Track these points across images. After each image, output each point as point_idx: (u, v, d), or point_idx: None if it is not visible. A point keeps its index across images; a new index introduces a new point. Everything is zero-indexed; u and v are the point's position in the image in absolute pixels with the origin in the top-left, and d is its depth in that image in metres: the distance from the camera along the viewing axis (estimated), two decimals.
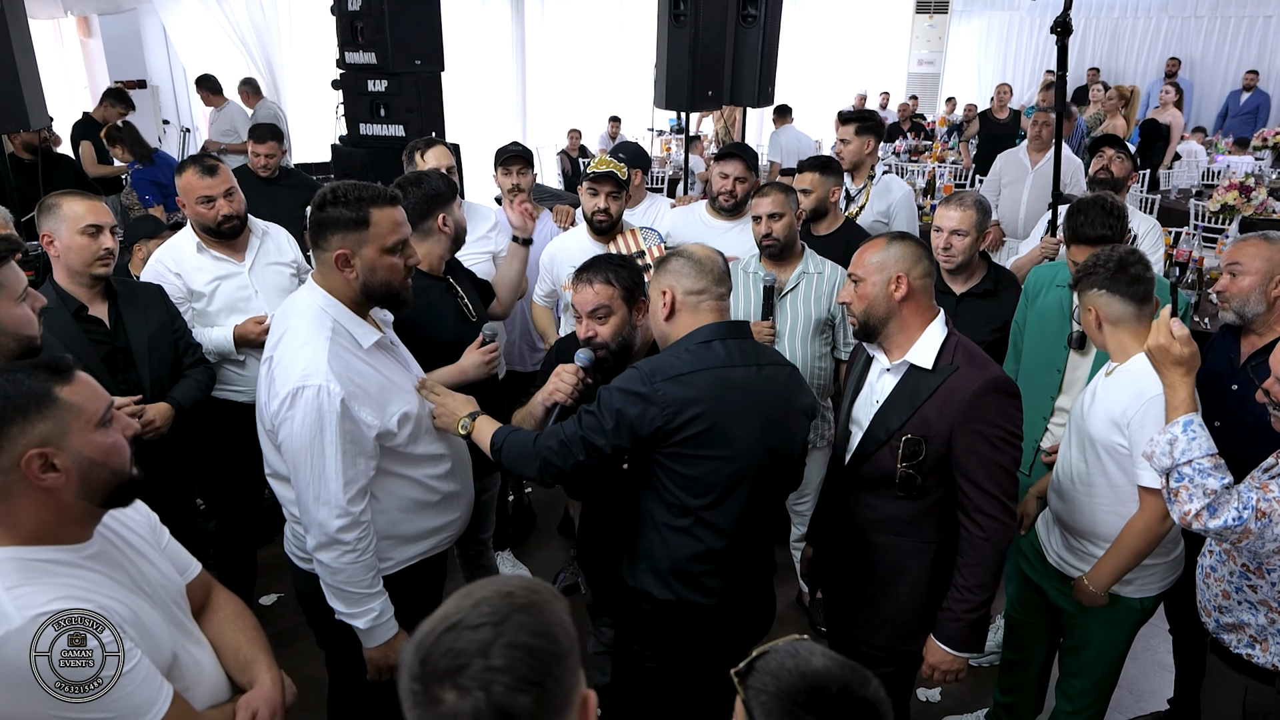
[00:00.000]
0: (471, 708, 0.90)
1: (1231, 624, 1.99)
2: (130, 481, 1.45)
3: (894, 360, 2.09)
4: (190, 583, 1.70)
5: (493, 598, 0.97)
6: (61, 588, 1.34)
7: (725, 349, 1.96)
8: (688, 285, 2.00)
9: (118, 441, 1.42)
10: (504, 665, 0.91)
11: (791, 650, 1.17)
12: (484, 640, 0.92)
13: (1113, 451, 2.21)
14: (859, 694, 1.12)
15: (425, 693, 0.91)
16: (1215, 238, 6.04)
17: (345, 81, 5.66)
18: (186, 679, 1.52)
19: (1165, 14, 13.20)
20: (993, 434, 1.98)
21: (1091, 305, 2.24)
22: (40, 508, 1.35)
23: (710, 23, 5.37)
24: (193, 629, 1.62)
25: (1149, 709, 3.08)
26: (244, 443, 3.05)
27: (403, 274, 2.06)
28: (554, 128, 10.68)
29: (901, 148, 10.35)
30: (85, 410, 1.37)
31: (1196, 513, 1.79)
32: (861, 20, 14.21)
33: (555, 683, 0.94)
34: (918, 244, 2.10)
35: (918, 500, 2.08)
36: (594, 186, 3.11)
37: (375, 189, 2.01)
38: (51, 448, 1.33)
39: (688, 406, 1.88)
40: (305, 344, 1.95)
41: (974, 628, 2.06)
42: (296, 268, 3.20)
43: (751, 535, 2.07)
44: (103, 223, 2.55)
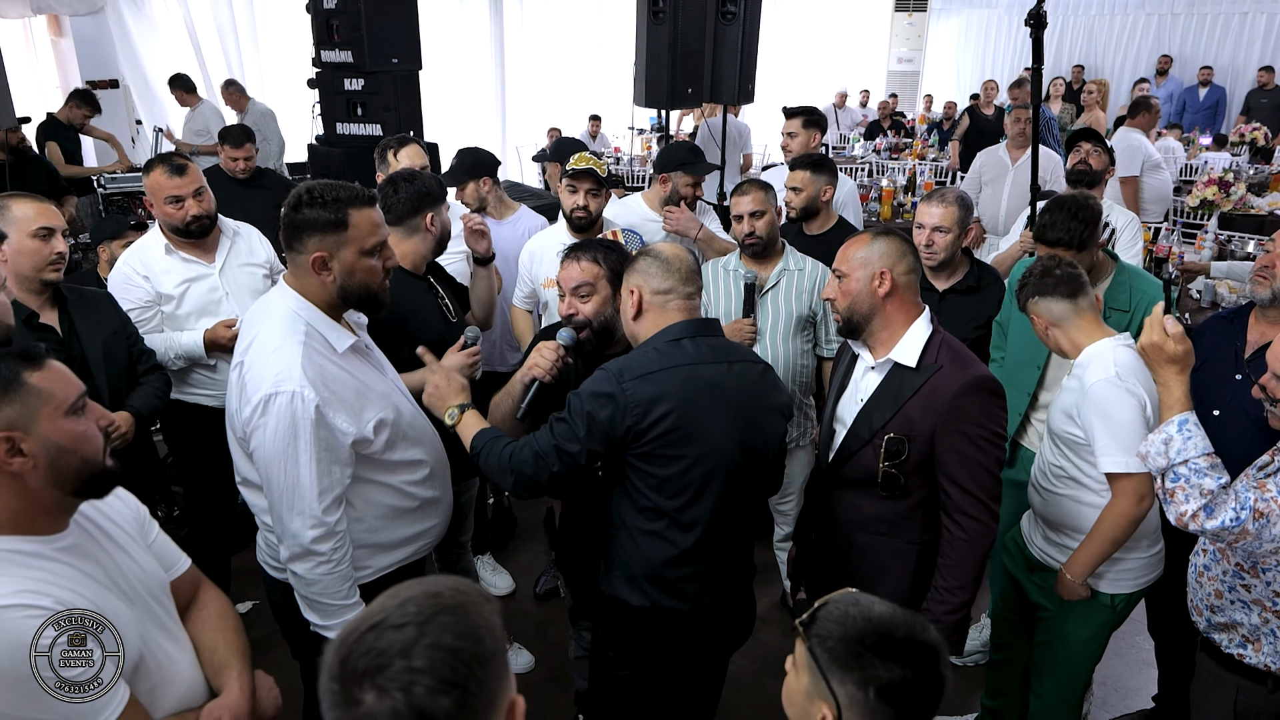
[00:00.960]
0: (390, 709, 0.88)
1: (1224, 623, 1.97)
2: (104, 472, 1.44)
3: (878, 358, 2.07)
4: (177, 579, 1.68)
5: (419, 597, 0.95)
6: (23, 580, 1.32)
7: (695, 346, 1.94)
8: (655, 284, 1.98)
9: (89, 430, 1.41)
10: (425, 666, 0.89)
11: (852, 600, 1.23)
12: (406, 640, 0.90)
13: (1071, 444, 2.25)
14: (921, 638, 1.19)
15: (344, 693, 0.90)
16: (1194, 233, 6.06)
17: (321, 80, 5.59)
18: (154, 678, 1.49)
19: (1143, 10, 13.29)
20: (976, 434, 1.96)
21: (1034, 314, 2.30)
22: (8, 494, 1.35)
23: (690, 20, 5.33)
24: (172, 626, 1.59)
25: (1135, 707, 3.07)
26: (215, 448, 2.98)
27: (381, 276, 2.01)
28: (533, 126, 10.62)
29: (882, 145, 10.35)
30: (55, 396, 1.37)
31: (1193, 513, 1.76)
32: (841, 18, 14.24)
33: (479, 685, 0.92)
34: (902, 240, 2.09)
35: (901, 500, 2.06)
36: (573, 184, 3.08)
37: (353, 189, 1.95)
38: (19, 432, 1.33)
39: (656, 405, 1.85)
40: (278, 348, 1.89)
41: (955, 629, 2.05)
42: (269, 268, 3.14)
43: (727, 537, 2.03)
44: (54, 226, 2.46)
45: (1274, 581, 1.85)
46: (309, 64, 5.58)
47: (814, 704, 1.19)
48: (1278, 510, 1.70)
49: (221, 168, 4.66)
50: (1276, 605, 1.86)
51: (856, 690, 1.16)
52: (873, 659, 1.16)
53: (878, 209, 7.09)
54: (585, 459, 1.89)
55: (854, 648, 1.17)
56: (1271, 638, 1.89)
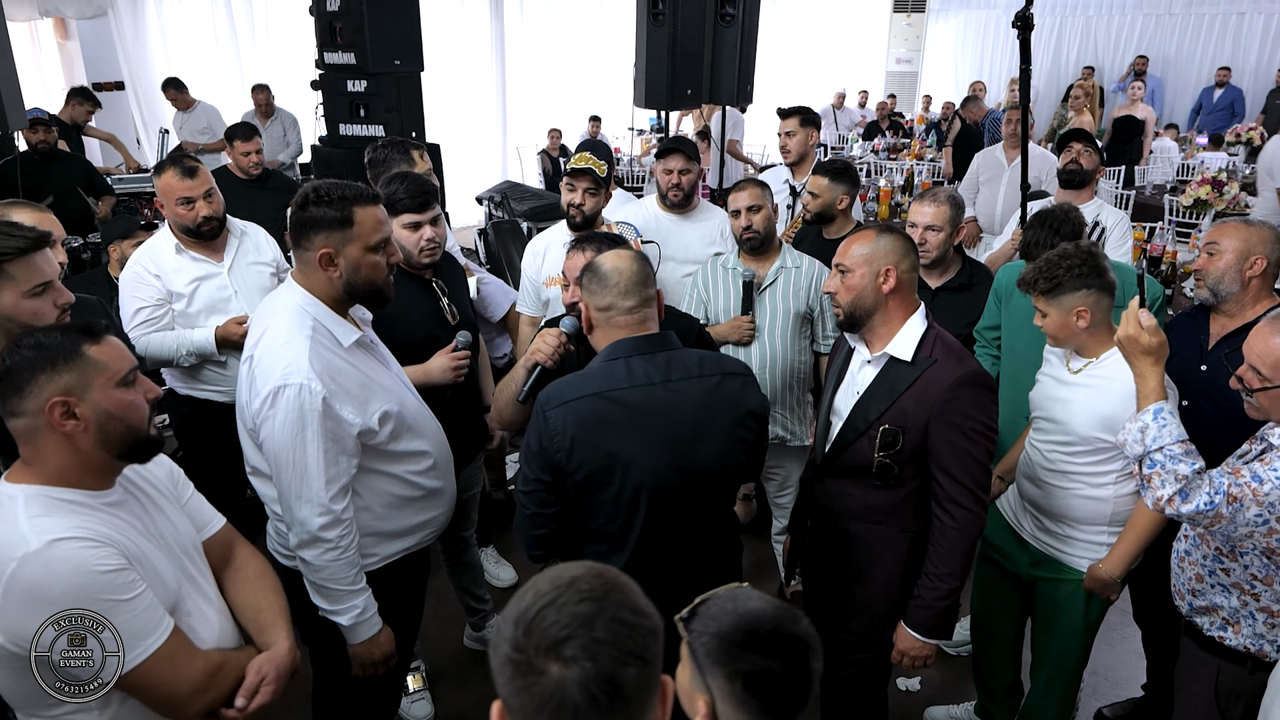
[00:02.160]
0: (579, 676, 0.92)
1: (1205, 607, 2.03)
2: (147, 439, 1.57)
3: (874, 352, 2.13)
4: (209, 539, 1.80)
5: (587, 576, 0.99)
6: (77, 521, 1.47)
7: (628, 368, 1.89)
8: (596, 301, 1.95)
9: (137, 400, 1.55)
10: (609, 638, 0.94)
11: (730, 595, 1.28)
12: (588, 614, 0.94)
13: (1097, 448, 2.27)
14: (790, 631, 1.23)
15: (528, 663, 0.93)
16: (1189, 232, 6.12)
17: (324, 82, 5.64)
18: (186, 623, 1.60)
19: (1140, 11, 13.33)
20: (968, 426, 2.02)
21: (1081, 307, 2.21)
22: (63, 452, 1.49)
23: (689, 22, 5.39)
24: (204, 584, 1.70)
25: (1126, 695, 3.12)
26: (225, 442, 3.05)
27: (385, 272, 2.07)
28: (534, 127, 10.68)
29: (880, 146, 10.41)
30: (109, 368, 1.51)
31: (1169, 498, 1.83)
32: (839, 19, 14.29)
33: (654, 658, 0.97)
34: (905, 237, 2.13)
35: (894, 490, 2.12)
36: (571, 182, 3.13)
37: (358, 188, 2.02)
38: (73, 397, 1.47)
39: (572, 436, 1.84)
40: (286, 343, 1.95)
41: (943, 615, 2.12)
42: (276, 267, 3.20)
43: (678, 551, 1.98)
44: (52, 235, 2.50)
45: (1252, 565, 1.92)
46: (312, 66, 5.63)
47: (694, 696, 1.24)
48: (1251, 495, 1.76)
49: (230, 168, 4.70)
50: (1254, 588, 1.93)
51: (726, 682, 1.20)
52: (741, 652, 1.20)
53: (875, 209, 7.15)
54: (547, 495, 1.90)
55: (724, 643, 1.21)
56: (1250, 620, 1.95)
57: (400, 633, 2.29)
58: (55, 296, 1.88)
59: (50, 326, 1.57)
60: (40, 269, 1.85)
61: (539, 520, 1.94)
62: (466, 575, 3.19)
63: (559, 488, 1.90)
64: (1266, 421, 1.91)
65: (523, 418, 2.42)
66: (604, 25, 11.69)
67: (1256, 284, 2.42)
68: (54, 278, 1.89)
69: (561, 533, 1.97)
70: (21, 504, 1.46)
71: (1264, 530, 1.79)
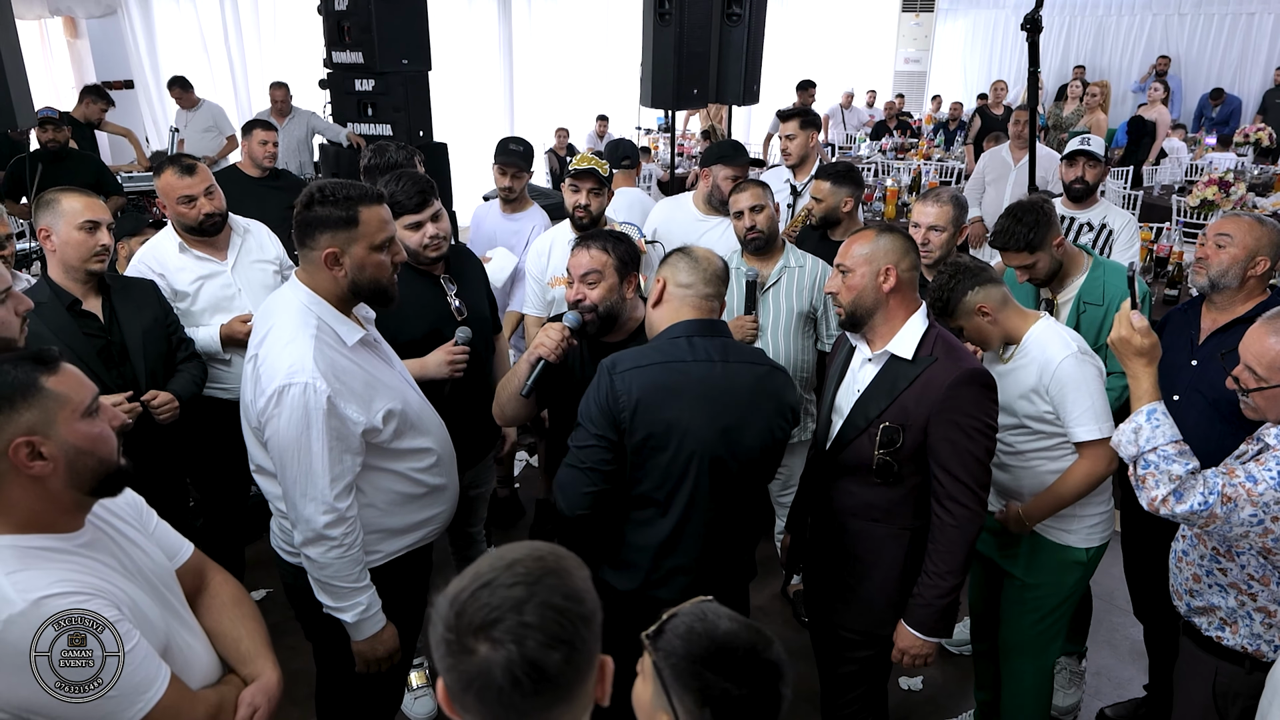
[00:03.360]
0: (504, 659, 0.94)
1: (1202, 607, 2.04)
2: (118, 471, 1.47)
3: (876, 350, 2.14)
4: (181, 566, 1.71)
5: (526, 559, 1.01)
6: (59, 573, 1.37)
7: (691, 345, 2.03)
8: (680, 278, 2.09)
9: (104, 431, 1.44)
10: (536, 622, 0.95)
11: (699, 614, 1.23)
12: (518, 598, 0.96)
13: (1040, 419, 2.36)
14: (763, 656, 1.19)
15: (459, 643, 0.96)
16: (1195, 233, 6.10)
17: (332, 81, 5.68)
18: (178, 663, 1.53)
19: (1149, 11, 13.29)
20: (968, 424, 2.03)
21: (978, 307, 2.36)
22: (31, 496, 1.38)
23: (695, 21, 5.41)
24: (184, 614, 1.63)
25: (1127, 696, 3.12)
26: (230, 440, 3.06)
27: (389, 271, 2.08)
28: (541, 126, 10.70)
29: (888, 146, 10.40)
30: (71, 400, 1.39)
31: (1163, 498, 1.83)
32: (847, 18, 14.27)
33: (582, 643, 0.99)
34: (905, 237, 2.15)
35: (894, 487, 2.13)
36: (575, 183, 3.14)
37: (363, 187, 2.03)
38: (38, 436, 1.35)
39: (640, 398, 1.96)
40: (290, 341, 1.96)
41: (943, 614, 2.13)
42: (279, 264, 3.22)
43: (715, 528, 2.10)
44: (100, 219, 2.59)
45: (1248, 565, 1.92)
46: (320, 65, 5.66)
47: (657, 714, 1.20)
48: (1245, 495, 1.76)
49: (240, 166, 4.69)
50: (1252, 588, 1.93)
51: (695, 706, 1.16)
52: (711, 676, 1.16)
53: (882, 209, 7.15)
54: (607, 452, 1.99)
55: (694, 665, 1.17)
56: (1248, 620, 1.95)
57: (403, 629, 2.30)
58: (16, 304, 1.86)
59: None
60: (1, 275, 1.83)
61: (595, 476, 2.00)
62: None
63: (618, 446, 2.00)
64: (1261, 421, 1.91)
65: (525, 413, 2.43)
66: (611, 25, 11.70)
67: (1253, 282, 2.46)
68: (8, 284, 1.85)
69: (611, 493, 2.03)
70: None
71: (1259, 530, 1.79)
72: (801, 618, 3.50)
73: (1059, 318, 2.84)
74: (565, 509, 2.05)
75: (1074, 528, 2.42)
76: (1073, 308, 2.83)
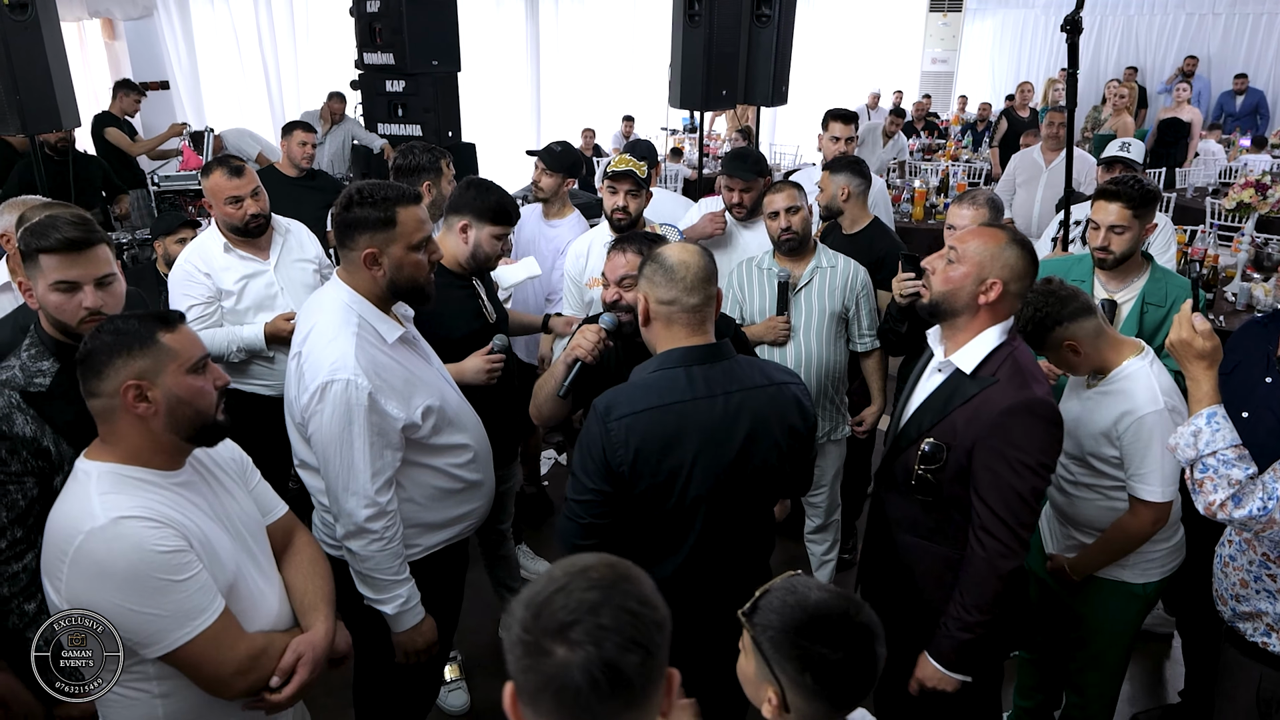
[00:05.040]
0: (583, 659, 0.96)
1: (1249, 612, 2.01)
2: (214, 424, 1.64)
3: (947, 355, 2.03)
4: (273, 524, 1.88)
5: (598, 566, 1.03)
6: (144, 500, 1.54)
7: (690, 379, 1.86)
8: (659, 294, 1.89)
9: (206, 387, 1.62)
10: (613, 625, 0.97)
11: (790, 587, 1.31)
12: (594, 601, 0.98)
13: (1104, 460, 2.29)
14: (856, 620, 1.26)
15: (536, 644, 0.97)
16: (1231, 236, 6.03)
17: (363, 82, 5.74)
18: (245, 603, 1.67)
19: (1182, 10, 13.13)
20: (1015, 457, 1.88)
21: (1065, 343, 2.24)
22: (135, 433, 1.57)
23: (725, 23, 5.42)
24: (264, 563, 1.77)
25: (1159, 702, 3.10)
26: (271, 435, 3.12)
27: (426, 270, 2.13)
28: (568, 127, 10.73)
29: (915, 146, 10.34)
30: (181, 355, 1.58)
31: (1221, 503, 1.80)
32: (875, 18, 14.21)
33: (657, 648, 1.00)
34: (1031, 256, 1.98)
35: (937, 506, 2.03)
36: (613, 185, 3.16)
37: (400, 188, 2.07)
38: (146, 381, 1.54)
39: (637, 452, 1.82)
40: (333, 339, 2.01)
41: (962, 649, 1.98)
42: (319, 263, 3.27)
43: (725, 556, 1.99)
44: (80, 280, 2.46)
45: None
46: (352, 66, 5.72)
47: (762, 686, 1.28)
48: None
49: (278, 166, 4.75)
50: None
51: (796, 673, 1.24)
52: (808, 644, 1.24)
53: (910, 210, 7.12)
54: (604, 507, 1.87)
55: (791, 635, 1.25)
56: None
57: (440, 622, 2.33)
58: (82, 299, 1.91)
59: (129, 314, 1.64)
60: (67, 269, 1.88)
61: (591, 530, 1.88)
62: (503, 568, 3.23)
63: (616, 499, 1.87)
64: None
65: (562, 413, 2.45)
66: (638, 26, 11.73)
67: None
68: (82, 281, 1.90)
69: (606, 546, 1.88)
70: (94, 480, 1.54)
71: None
72: None
73: (1120, 317, 2.82)
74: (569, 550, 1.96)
75: (1130, 562, 2.35)
76: (1135, 307, 2.81)
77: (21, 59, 3.66)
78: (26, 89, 3.72)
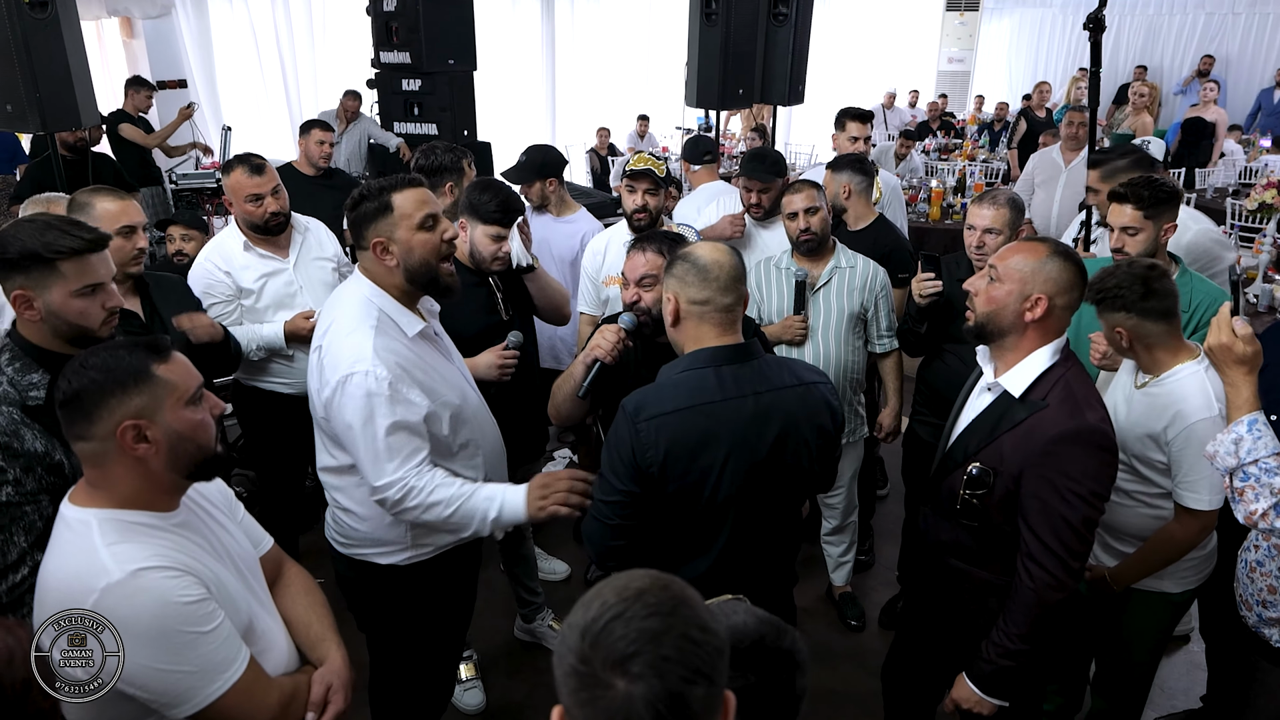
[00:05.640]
0: (645, 693, 0.91)
1: (1275, 618, 1.99)
2: (214, 457, 1.54)
3: (997, 376, 1.98)
4: (263, 555, 1.79)
5: (653, 589, 0.97)
6: (155, 547, 1.44)
7: (719, 379, 1.84)
8: (691, 294, 1.86)
9: (205, 419, 1.52)
10: (676, 656, 0.92)
11: (720, 609, 1.24)
12: (655, 630, 0.93)
13: (1150, 465, 2.22)
14: (773, 645, 1.20)
15: (594, 677, 0.92)
16: (1252, 237, 5.97)
17: (380, 81, 5.75)
18: (260, 644, 1.59)
19: (1202, 10, 13.02)
20: (1065, 486, 1.82)
21: (1120, 327, 2.18)
22: (133, 475, 1.46)
23: (742, 21, 5.39)
24: (265, 598, 1.70)
25: (1182, 707, 3.07)
26: (288, 432, 3.15)
27: (438, 249, 2.08)
28: (583, 126, 10.75)
29: (931, 146, 10.29)
30: (178, 388, 1.47)
31: (1263, 512, 1.74)
32: (891, 18, 14.15)
33: (720, 677, 0.96)
34: (1078, 267, 1.91)
35: (983, 532, 1.98)
36: (632, 184, 3.15)
37: (395, 177, 2.09)
38: (145, 420, 1.43)
39: (667, 454, 1.79)
40: (351, 333, 2.01)
41: (1002, 675, 1.94)
42: (337, 261, 3.28)
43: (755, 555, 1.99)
44: (136, 223, 2.54)
45: None
46: (368, 65, 5.73)
47: None
48: None
49: (295, 164, 4.76)
50: None
51: None
52: None
53: (926, 210, 7.08)
54: (633, 508, 1.84)
55: None
56: None
57: (453, 620, 2.32)
58: (105, 299, 1.88)
59: (115, 344, 1.49)
60: (94, 270, 1.85)
61: (620, 531, 1.86)
62: (521, 568, 3.23)
63: (645, 500, 1.83)
64: None
65: (580, 413, 2.44)
66: (653, 24, 11.72)
67: None
68: (106, 280, 1.88)
69: (635, 547, 1.89)
70: (96, 530, 1.42)
71: None
72: (850, 620, 3.49)
73: None
74: (595, 560, 1.97)
75: (1168, 571, 2.29)
76: None
77: (41, 57, 3.68)
78: (46, 87, 3.73)
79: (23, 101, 3.74)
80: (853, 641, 3.44)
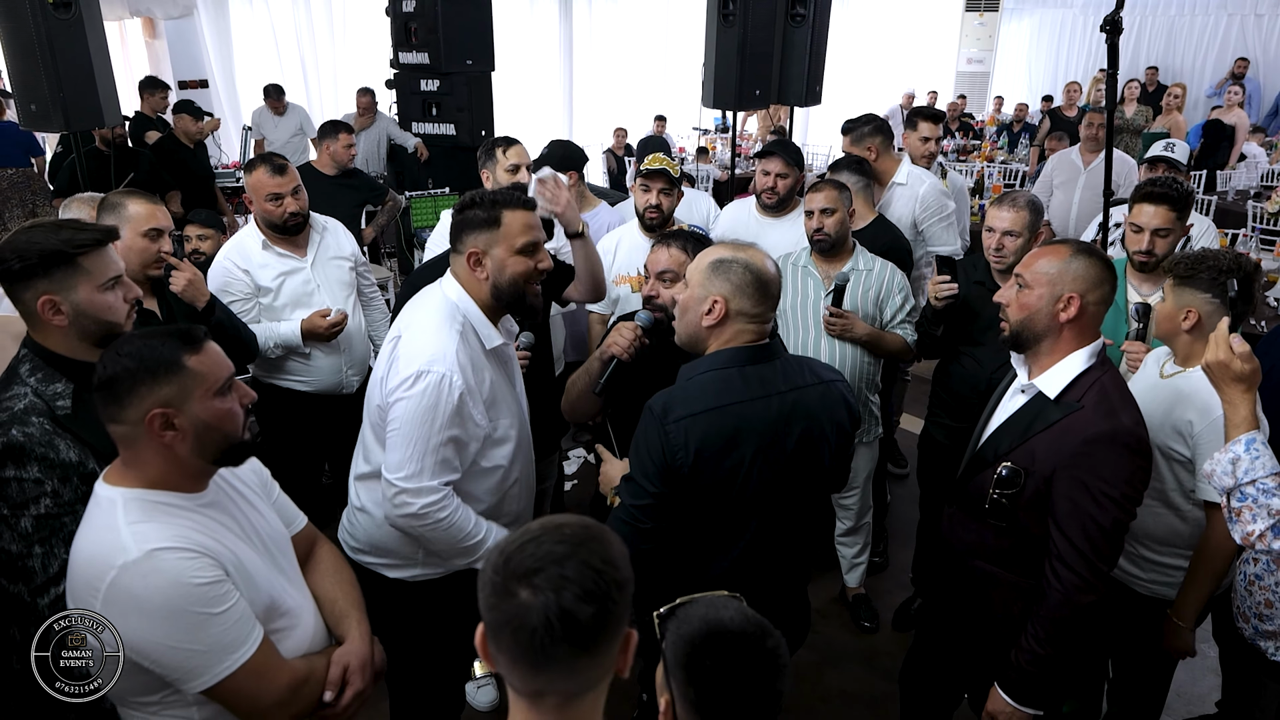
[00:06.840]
0: (542, 604, 1.04)
1: (1272, 631, 1.97)
2: (241, 444, 1.58)
3: (1031, 378, 1.97)
4: (296, 534, 1.83)
5: (573, 524, 1.11)
6: (176, 528, 1.48)
7: (744, 379, 1.84)
8: (745, 305, 1.84)
9: (233, 409, 1.55)
10: (575, 576, 1.05)
11: (709, 602, 1.30)
12: (561, 554, 1.07)
13: (1170, 456, 2.19)
14: (757, 644, 1.22)
15: (503, 586, 1.06)
16: (1273, 240, 5.91)
17: (398, 81, 5.78)
18: (284, 620, 1.63)
19: (1224, 11, 12.88)
20: (1098, 488, 1.81)
21: (1194, 309, 2.13)
22: (160, 459, 1.50)
23: (759, 22, 5.39)
24: (294, 576, 1.74)
25: (1197, 713, 3.05)
26: (305, 430, 3.17)
27: (531, 273, 2.09)
28: (600, 126, 10.76)
29: (949, 147, 10.24)
30: (207, 379, 1.51)
31: (1260, 534, 1.72)
32: (910, 18, 14.09)
33: (614, 605, 1.07)
34: (1105, 263, 1.91)
35: (1011, 533, 1.96)
36: (646, 183, 3.15)
37: (512, 195, 2.09)
38: (173, 409, 1.47)
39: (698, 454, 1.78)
40: (436, 331, 2.01)
41: (1031, 682, 1.92)
42: (354, 261, 3.30)
43: (775, 555, 1.99)
44: (163, 227, 2.58)
45: None
46: (387, 65, 5.77)
47: (661, 691, 1.26)
48: None
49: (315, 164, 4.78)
50: None
51: (684, 684, 1.21)
52: (700, 657, 1.21)
53: None
54: (662, 508, 1.82)
55: (687, 644, 1.23)
56: None
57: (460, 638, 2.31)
58: (126, 291, 1.89)
59: (151, 331, 1.53)
60: (114, 261, 1.86)
61: (649, 535, 1.83)
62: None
63: (673, 500, 1.82)
64: None
65: (594, 410, 2.45)
66: (671, 25, 11.73)
67: None
68: (123, 272, 1.89)
69: (659, 552, 1.87)
70: (121, 508, 1.47)
71: None
72: (864, 622, 3.49)
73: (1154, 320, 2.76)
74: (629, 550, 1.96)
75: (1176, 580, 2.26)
76: None
77: (65, 56, 3.73)
78: (70, 86, 3.79)
79: (47, 100, 3.79)
80: (866, 643, 3.43)
